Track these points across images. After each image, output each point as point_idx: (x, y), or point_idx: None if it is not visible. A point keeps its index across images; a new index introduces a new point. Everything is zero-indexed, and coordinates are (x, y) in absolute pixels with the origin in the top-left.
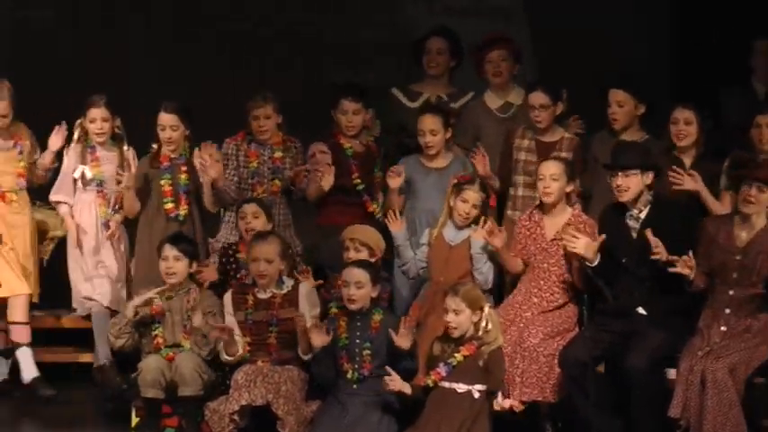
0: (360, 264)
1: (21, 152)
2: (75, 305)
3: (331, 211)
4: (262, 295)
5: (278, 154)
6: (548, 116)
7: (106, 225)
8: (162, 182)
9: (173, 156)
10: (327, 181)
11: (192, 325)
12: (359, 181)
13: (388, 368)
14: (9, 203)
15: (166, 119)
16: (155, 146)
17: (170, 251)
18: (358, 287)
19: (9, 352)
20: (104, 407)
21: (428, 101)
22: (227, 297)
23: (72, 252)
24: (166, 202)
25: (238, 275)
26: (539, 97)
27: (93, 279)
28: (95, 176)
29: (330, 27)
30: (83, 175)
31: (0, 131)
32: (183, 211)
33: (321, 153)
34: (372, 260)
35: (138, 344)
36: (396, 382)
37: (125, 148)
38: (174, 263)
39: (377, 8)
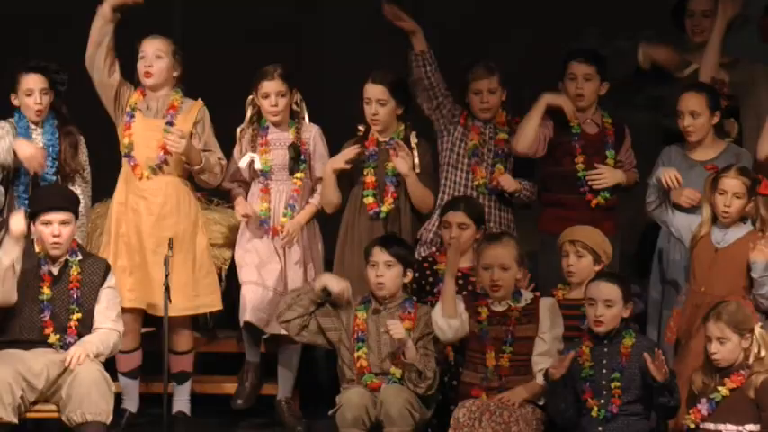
0: (609, 277)
1: (170, 123)
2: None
3: (550, 216)
4: (497, 307)
5: (501, 135)
6: None
7: (266, 228)
8: (365, 170)
9: (381, 139)
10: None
11: (405, 359)
12: (581, 166)
13: None
14: (142, 180)
15: (373, 91)
16: (361, 128)
17: (380, 256)
18: (607, 306)
19: (185, 377)
20: None
21: (696, 73)
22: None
23: (237, 250)
24: (366, 195)
25: (435, 290)
26: None
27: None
28: (263, 166)
29: None
30: (251, 164)
31: (152, 93)
32: (386, 207)
33: None
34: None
35: (311, 337)
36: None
37: (305, 124)
38: (384, 270)
39: None
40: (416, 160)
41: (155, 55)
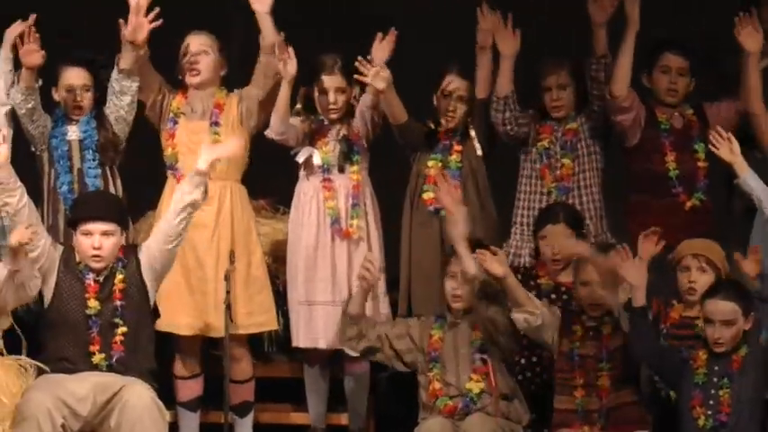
0: (726, 293)
1: (216, 123)
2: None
3: (637, 224)
4: (591, 323)
5: (572, 125)
6: None
7: (337, 228)
8: (430, 163)
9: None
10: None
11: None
12: (673, 164)
13: None
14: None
15: (459, 84)
16: (431, 123)
17: (452, 266)
18: (727, 326)
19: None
20: None
21: None
22: None
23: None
24: (426, 190)
25: None
26: None
27: (302, 308)
28: (324, 161)
29: None
30: (308, 161)
31: (196, 93)
32: None
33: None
34: None
35: (388, 360)
36: None
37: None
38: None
39: None
40: (479, 152)
41: (200, 50)
